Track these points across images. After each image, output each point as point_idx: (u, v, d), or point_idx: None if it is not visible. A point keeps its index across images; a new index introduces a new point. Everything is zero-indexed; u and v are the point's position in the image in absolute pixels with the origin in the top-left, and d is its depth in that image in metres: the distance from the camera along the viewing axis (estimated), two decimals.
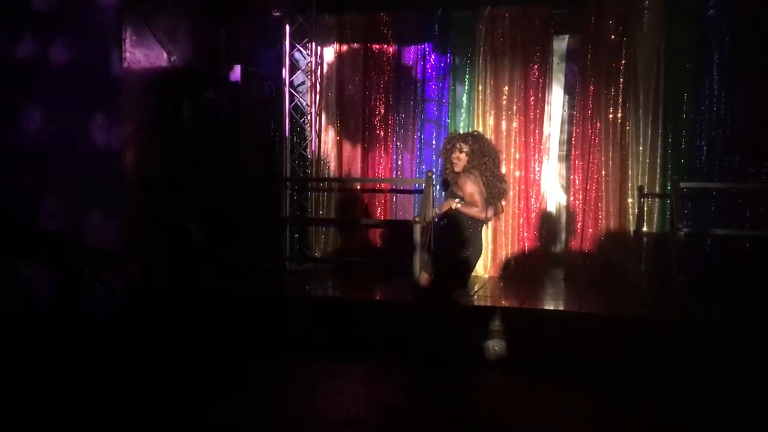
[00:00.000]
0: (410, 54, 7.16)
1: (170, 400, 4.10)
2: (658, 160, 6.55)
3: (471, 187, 5.40)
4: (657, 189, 6.55)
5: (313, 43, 7.35)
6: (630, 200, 6.59)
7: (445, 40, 7.06)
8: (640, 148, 6.58)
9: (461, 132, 6.29)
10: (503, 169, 6.37)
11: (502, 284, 6.52)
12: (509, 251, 6.89)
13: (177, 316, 5.38)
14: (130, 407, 3.94)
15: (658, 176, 6.55)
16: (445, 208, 5.50)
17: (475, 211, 5.40)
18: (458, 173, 5.38)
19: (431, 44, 7.08)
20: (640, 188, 6.53)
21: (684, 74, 6.47)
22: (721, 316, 5.08)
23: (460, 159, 5.36)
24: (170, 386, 4.37)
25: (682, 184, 6.14)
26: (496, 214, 5.84)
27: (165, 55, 6.18)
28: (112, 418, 3.77)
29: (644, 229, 6.55)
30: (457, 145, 5.35)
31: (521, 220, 6.86)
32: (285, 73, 7.32)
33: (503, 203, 5.83)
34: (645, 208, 6.55)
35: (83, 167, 5.75)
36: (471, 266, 5.64)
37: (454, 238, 5.44)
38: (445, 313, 5.15)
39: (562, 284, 6.60)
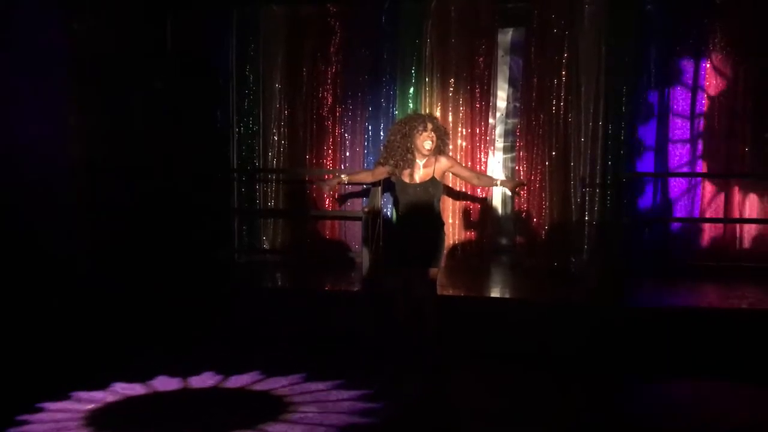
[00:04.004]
0: (358, 45, 7.16)
1: None
2: (599, 151, 6.76)
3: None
4: (598, 179, 6.76)
5: (261, 34, 7.30)
6: (572, 190, 6.78)
7: (392, 32, 7.09)
8: (582, 139, 6.77)
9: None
10: None
11: (448, 274, 6.62)
12: (455, 241, 7.00)
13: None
14: None
15: (599, 167, 6.76)
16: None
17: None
18: (426, 156, 4.46)
19: (379, 36, 7.11)
20: (582, 179, 6.73)
21: (623, 67, 6.68)
22: (655, 303, 5.29)
23: (433, 139, 4.43)
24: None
25: (622, 174, 6.34)
26: None
27: (112, 43, 6.04)
28: None
29: (586, 218, 6.75)
30: (428, 125, 4.44)
31: (468, 210, 6.98)
32: (232, 63, 7.26)
33: None
34: (587, 198, 6.75)
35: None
36: None
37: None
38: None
39: (508, 273, 6.74)
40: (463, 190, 6.88)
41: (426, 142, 4.38)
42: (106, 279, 5.58)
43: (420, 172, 4.44)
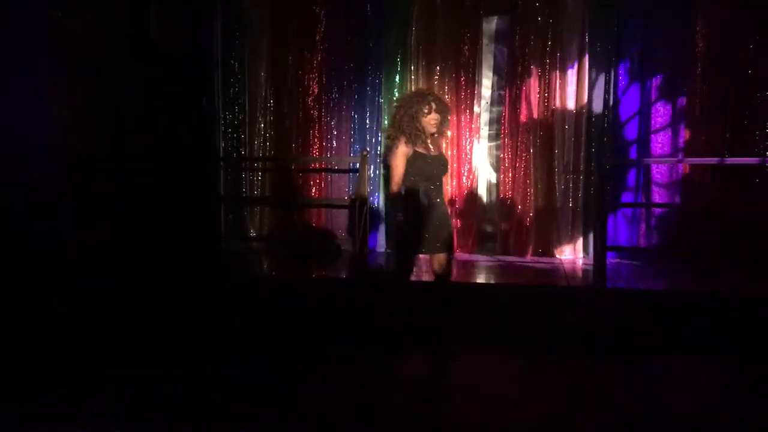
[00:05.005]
0: (343, 34, 7.18)
1: None
2: (583, 138, 6.84)
3: None
4: (582, 166, 6.84)
5: (246, 22, 7.29)
6: (556, 177, 6.86)
7: (378, 20, 7.11)
8: (566, 126, 6.84)
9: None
10: None
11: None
12: None
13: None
14: None
15: (582, 154, 6.83)
16: None
17: None
18: (433, 135, 4.43)
19: (364, 24, 7.13)
20: (566, 166, 6.81)
21: (606, 55, 6.75)
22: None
23: (438, 120, 4.39)
24: None
25: (605, 161, 6.42)
26: None
27: (93, 31, 5.99)
28: None
29: (570, 205, 6.84)
30: (433, 105, 4.39)
31: (454, 198, 7.03)
32: (217, 52, 7.24)
33: None
34: (571, 185, 6.84)
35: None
36: None
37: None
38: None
39: (494, 259, 6.82)
40: (449, 177, 6.95)
41: (433, 123, 4.36)
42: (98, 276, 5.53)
43: (432, 146, 4.42)
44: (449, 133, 5.46)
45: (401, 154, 4.28)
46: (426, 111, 4.34)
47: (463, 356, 4.52)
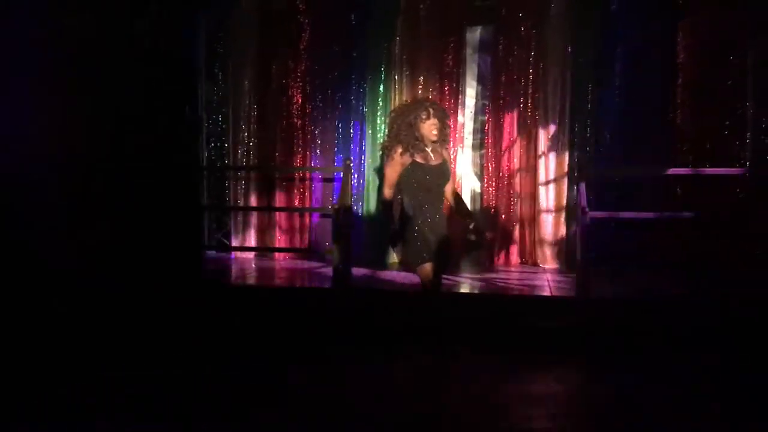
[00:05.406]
0: (327, 43, 7.18)
1: None
2: (566, 148, 6.87)
3: None
4: (565, 175, 6.86)
5: (230, 31, 7.29)
6: (540, 187, 6.88)
7: (362, 29, 7.13)
8: (549, 135, 6.87)
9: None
10: None
11: None
12: None
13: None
14: None
15: (566, 163, 6.86)
16: None
17: None
18: (434, 142, 4.32)
19: (349, 33, 7.14)
20: (550, 175, 6.84)
21: (589, 65, 6.79)
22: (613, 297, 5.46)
23: (438, 127, 4.29)
24: None
25: (587, 171, 6.44)
26: None
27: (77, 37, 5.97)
28: None
29: (553, 213, 6.86)
30: (431, 111, 4.31)
31: None
32: (201, 61, 7.23)
33: None
34: (554, 194, 6.86)
35: None
36: None
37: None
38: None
39: (478, 267, 6.83)
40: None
41: (432, 130, 4.25)
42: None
43: (432, 156, 4.27)
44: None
45: (396, 163, 4.22)
46: (424, 117, 4.25)
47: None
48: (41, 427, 3.32)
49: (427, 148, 4.28)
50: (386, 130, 4.50)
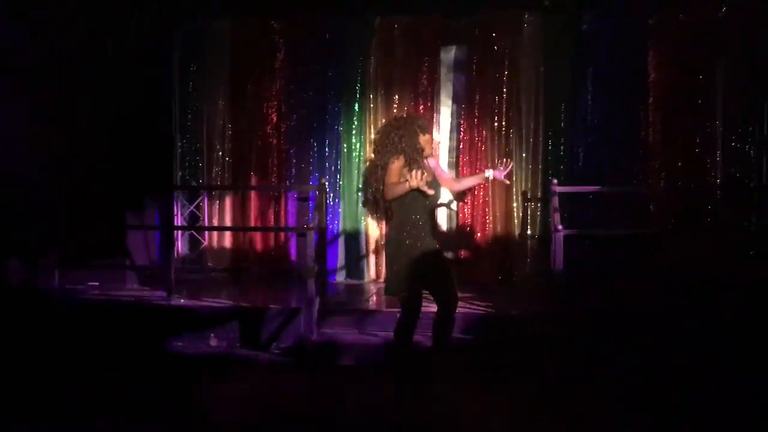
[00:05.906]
0: (302, 62, 7.19)
1: None
2: (540, 166, 6.92)
3: None
4: (539, 193, 6.90)
5: (204, 50, 7.28)
6: (515, 204, 6.91)
7: (337, 49, 7.15)
8: (523, 154, 6.92)
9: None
10: None
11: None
12: None
13: None
14: None
15: (540, 181, 6.90)
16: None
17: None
18: (426, 157, 4.15)
19: (323, 53, 7.16)
20: (524, 193, 6.88)
21: (561, 85, 6.87)
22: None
23: (431, 142, 4.23)
24: None
25: (559, 188, 6.47)
26: None
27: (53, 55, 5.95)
28: None
29: (528, 231, 6.88)
30: (431, 129, 4.27)
31: None
32: (175, 80, 7.23)
33: None
34: (528, 212, 6.89)
35: None
36: None
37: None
38: None
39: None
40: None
41: (430, 143, 4.15)
42: None
43: (425, 173, 3.93)
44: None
45: (398, 167, 3.97)
46: (423, 130, 4.12)
47: None
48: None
49: (422, 163, 4.05)
50: (376, 144, 4.22)
